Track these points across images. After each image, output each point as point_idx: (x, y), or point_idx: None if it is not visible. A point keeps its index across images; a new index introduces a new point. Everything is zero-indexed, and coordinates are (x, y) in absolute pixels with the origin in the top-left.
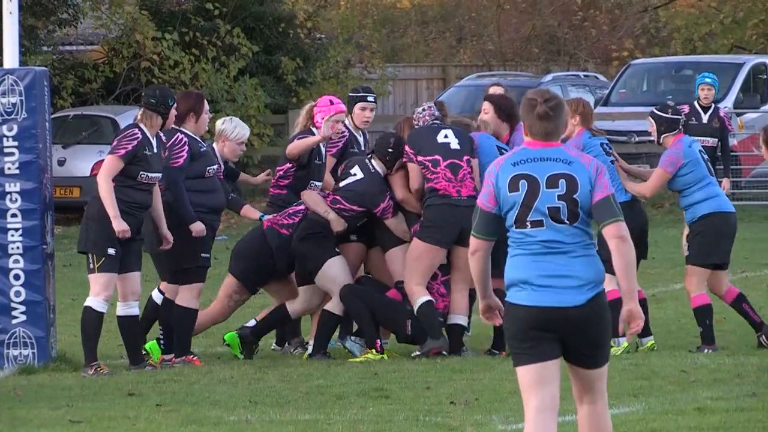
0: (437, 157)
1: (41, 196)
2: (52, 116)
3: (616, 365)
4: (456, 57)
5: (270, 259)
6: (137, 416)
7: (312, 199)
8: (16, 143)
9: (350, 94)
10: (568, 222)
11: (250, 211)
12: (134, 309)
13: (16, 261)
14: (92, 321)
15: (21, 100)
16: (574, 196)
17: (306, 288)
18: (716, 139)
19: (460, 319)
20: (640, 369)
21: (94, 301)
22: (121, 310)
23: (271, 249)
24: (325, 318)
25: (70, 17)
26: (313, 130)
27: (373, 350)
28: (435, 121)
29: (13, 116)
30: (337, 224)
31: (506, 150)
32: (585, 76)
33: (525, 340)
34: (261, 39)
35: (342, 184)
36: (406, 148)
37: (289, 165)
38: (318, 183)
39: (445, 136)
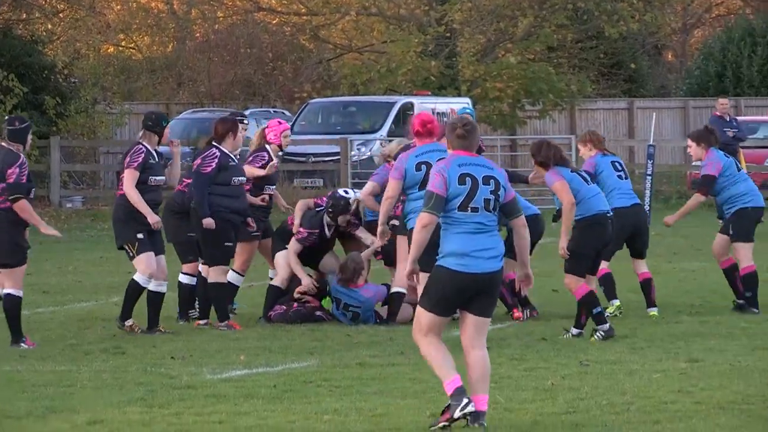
0: None
1: None
2: None
3: (297, 329)
4: (177, 97)
5: None
6: None
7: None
8: None
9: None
10: (493, 211)
11: None
12: (163, 287)
13: None
14: (135, 291)
15: None
16: (498, 193)
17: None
18: None
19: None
20: (315, 333)
21: (141, 277)
22: (154, 286)
23: None
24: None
25: None
26: (266, 146)
27: None
28: None
29: None
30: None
31: None
32: (274, 111)
33: (447, 298)
34: (30, 82)
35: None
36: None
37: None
38: (272, 186)
39: None
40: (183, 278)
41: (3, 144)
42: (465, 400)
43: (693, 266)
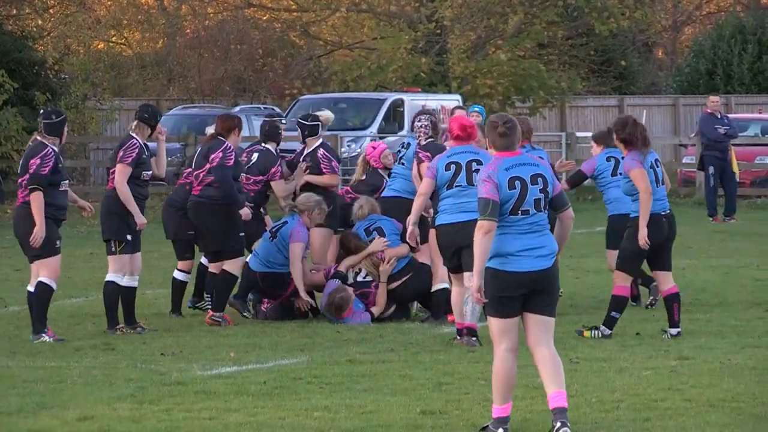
0: None
1: None
2: None
3: (287, 326)
4: (167, 93)
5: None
6: None
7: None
8: None
9: (301, 121)
10: (544, 209)
11: None
12: (135, 282)
13: None
14: (114, 293)
15: None
16: (547, 189)
17: None
18: None
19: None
20: (304, 330)
21: (116, 276)
22: (127, 282)
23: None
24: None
25: None
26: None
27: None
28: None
29: None
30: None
31: None
32: (264, 107)
33: (503, 299)
34: (20, 78)
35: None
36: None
37: None
38: None
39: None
40: (178, 275)
41: (37, 137)
42: (501, 430)
43: (682, 264)
